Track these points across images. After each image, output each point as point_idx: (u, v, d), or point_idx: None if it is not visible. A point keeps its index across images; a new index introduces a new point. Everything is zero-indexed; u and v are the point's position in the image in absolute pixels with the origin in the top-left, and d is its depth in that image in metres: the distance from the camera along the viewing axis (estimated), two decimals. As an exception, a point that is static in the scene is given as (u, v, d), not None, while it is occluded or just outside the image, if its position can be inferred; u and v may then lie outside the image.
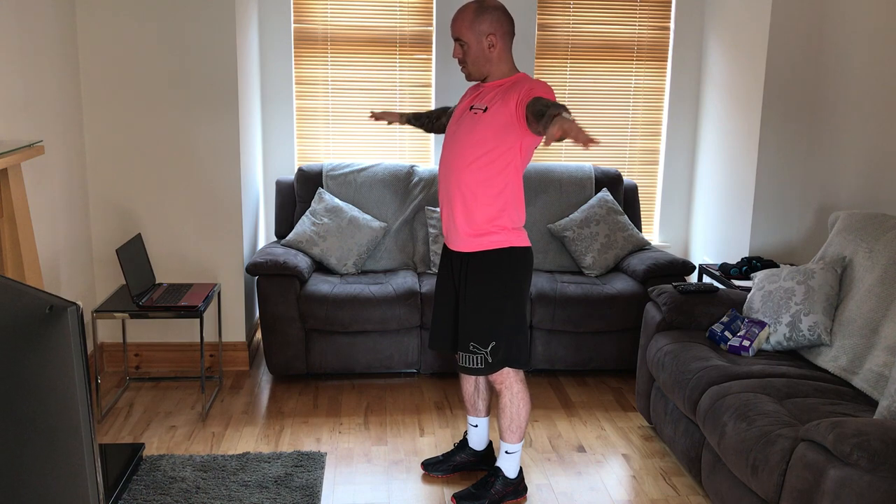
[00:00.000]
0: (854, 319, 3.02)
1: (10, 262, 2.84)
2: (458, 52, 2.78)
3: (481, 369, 2.86)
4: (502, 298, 2.83)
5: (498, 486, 2.99)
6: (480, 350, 2.84)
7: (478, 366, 2.85)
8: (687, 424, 3.10)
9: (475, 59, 2.76)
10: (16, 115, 3.23)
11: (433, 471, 3.21)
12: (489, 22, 2.72)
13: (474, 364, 2.85)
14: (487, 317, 2.83)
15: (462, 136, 2.77)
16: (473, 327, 2.84)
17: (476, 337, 2.83)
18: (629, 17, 4.87)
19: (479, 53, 2.75)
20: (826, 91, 4.12)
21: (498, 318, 2.83)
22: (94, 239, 4.08)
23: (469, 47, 2.74)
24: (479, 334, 2.83)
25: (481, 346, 2.83)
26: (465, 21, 2.73)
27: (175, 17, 3.90)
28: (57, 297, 1.42)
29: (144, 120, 3.99)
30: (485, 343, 2.83)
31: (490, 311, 2.83)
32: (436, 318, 3.03)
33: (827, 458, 2.22)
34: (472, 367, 2.86)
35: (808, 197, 4.27)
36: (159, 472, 3.14)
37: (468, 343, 2.85)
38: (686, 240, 5.19)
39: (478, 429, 3.20)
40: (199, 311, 3.59)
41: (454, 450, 3.26)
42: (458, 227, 2.81)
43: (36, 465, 1.40)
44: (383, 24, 4.73)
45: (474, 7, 2.74)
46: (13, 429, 1.37)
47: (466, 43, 2.74)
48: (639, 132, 5.06)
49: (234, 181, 4.09)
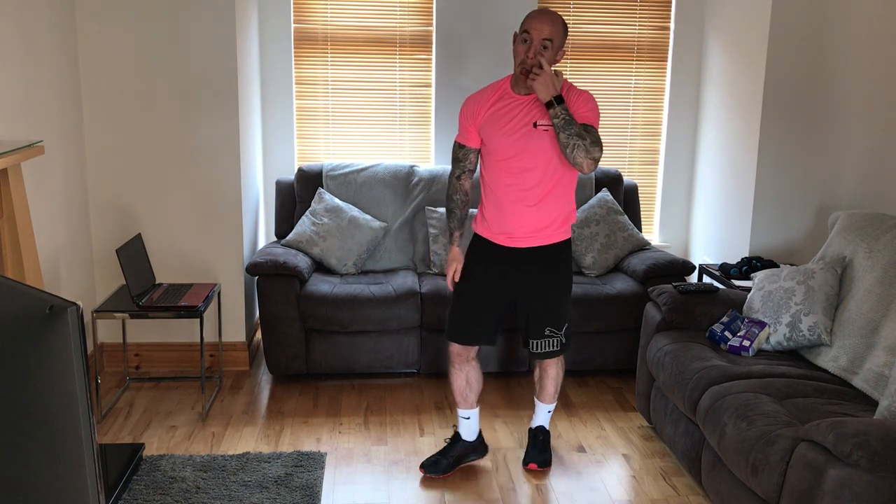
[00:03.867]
0: (854, 319, 3.02)
1: (10, 262, 2.83)
2: (542, 51, 2.85)
3: (558, 351, 3.14)
4: (567, 284, 3.13)
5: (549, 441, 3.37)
6: (556, 334, 3.10)
7: (555, 349, 3.12)
8: (687, 424, 3.10)
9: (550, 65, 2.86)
10: (16, 115, 3.23)
11: (434, 472, 3.20)
12: (566, 39, 2.94)
13: (552, 347, 3.12)
14: (559, 302, 3.10)
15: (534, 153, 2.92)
16: (549, 314, 3.08)
17: (552, 322, 3.09)
18: (629, 17, 4.87)
19: (552, 61, 2.88)
20: (826, 91, 4.12)
21: (565, 303, 3.13)
22: (94, 239, 4.08)
23: (551, 52, 2.86)
24: (555, 319, 3.09)
25: (557, 330, 3.10)
26: (559, 26, 2.87)
27: (175, 17, 3.90)
28: (57, 297, 1.42)
29: (144, 120, 3.99)
30: (559, 326, 3.11)
31: (560, 296, 3.11)
32: (466, 312, 3.12)
33: (827, 458, 2.22)
34: (552, 351, 3.12)
35: (808, 197, 4.27)
36: (159, 472, 3.14)
37: (544, 329, 3.09)
38: (686, 240, 5.19)
39: (470, 420, 3.26)
40: (199, 311, 3.59)
41: (448, 446, 3.27)
42: (529, 228, 2.99)
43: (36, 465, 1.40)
44: (383, 24, 4.73)
45: (563, 21, 2.91)
46: (13, 429, 1.36)
47: (553, 46, 2.86)
48: (639, 132, 5.06)
49: (234, 181, 4.09)
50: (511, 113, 2.95)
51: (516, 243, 3.01)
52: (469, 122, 3.04)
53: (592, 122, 2.88)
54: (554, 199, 2.98)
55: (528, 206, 2.96)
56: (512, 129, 2.93)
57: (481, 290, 3.11)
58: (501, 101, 2.98)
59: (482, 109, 3.00)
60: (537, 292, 3.08)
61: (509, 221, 2.99)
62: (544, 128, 2.89)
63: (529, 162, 2.92)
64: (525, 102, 2.94)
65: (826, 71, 4.11)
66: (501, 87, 3.01)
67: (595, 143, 2.81)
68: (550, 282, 3.07)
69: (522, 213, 2.97)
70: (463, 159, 3.11)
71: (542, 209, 2.97)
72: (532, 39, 2.85)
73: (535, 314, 3.09)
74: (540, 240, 3.01)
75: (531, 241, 3.01)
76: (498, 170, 2.98)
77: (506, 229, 3.01)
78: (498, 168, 2.98)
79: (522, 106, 2.94)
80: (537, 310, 3.09)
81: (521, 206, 2.97)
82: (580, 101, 2.89)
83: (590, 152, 2.80)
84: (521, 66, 2.88)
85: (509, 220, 2.99)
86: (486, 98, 3.01)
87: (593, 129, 2.85)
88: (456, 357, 3.19)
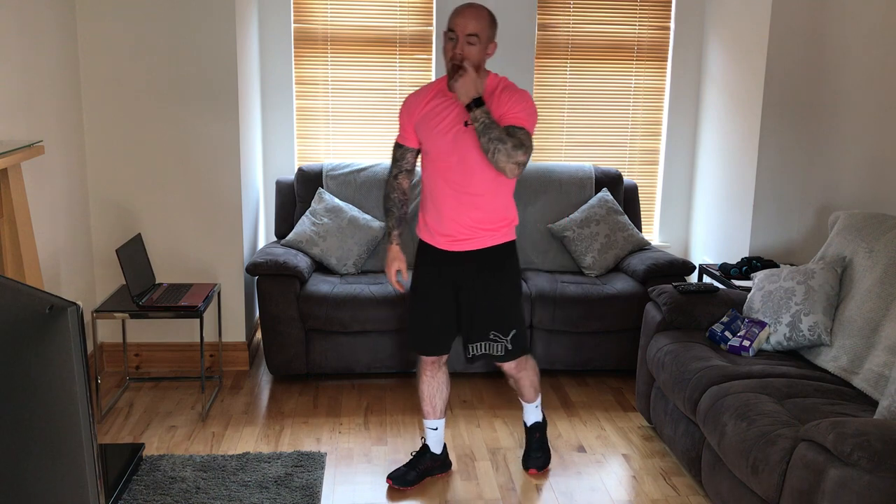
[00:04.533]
0: (854, 319, 3.02)
1: (10, 262, 2.83)
2: (467, 47, 2.75)
3: (503, 356, 3.03)
4: (511, 287, 3.02)
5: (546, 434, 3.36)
6: (501, 339, 3.00)
7: (499, 353, 3.01)
8: (687, 424, 3.10)
9: (476, 62, 2.78)
10: (16, 115, 3.23)
11: (401, 483, 3.11)
12: (495, 31, 2.84)
13: (496, 351, 3.01)
14: (504, 306, 3.00)
15: (467, 153, 2.82)
16: (493, 317, 2.98)
17: (497, 326, 2.99)
18: (629, 17, 4.86)
19: (481, 56, 2.80)
20: (826, 91, 4.12)
21: (513, 308, 3.02)
22: (94, 239, 4.08)
23: (479, 47, 2.77)
24: (500, 323, 2.99)
25: (502, 335, 2.99)
26: (484, 20, 2.77)
27: (175, 16, 3.90)
28: (57, 297, 1.42)
29: (144, 120, 3.99)
30: (506, 331, 2.99)
31: (505, 300, 3.00)
32: (424, 321, 3.05)
33: (827, 458, 2.22)
34: (494, 355, 3.01)
35: (808, 197, 4.27)
36: (159, 472, 3.14)
37: (488, 332, 2.98)
38: (686, 240, 5.19)
39: (437, 431, 3.20)
40: (199, 311, 3.59)
41: (415, 458, 3.19)
42: (467, 230, 2.90)
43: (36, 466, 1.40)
44: (383, 24, 4.73)
45: (489, 12, 2.81)
46: (13, 429, 1.36)
47: (480, 41, 2.76)
48: (639, 132, 5.06)
49: (234, 181, 4.09)
50: (444, 112, 2.86)
51: (456, 246, 2.93)
52: (406, 120, 2.96)
53: (524, 122, 2.77)
54: (491, 200, 2.89)
55: (465, 208, 2.88)
56: (445, 129, 2.85)
57: (432, 296, 3.03)
58: (436, 100, 2.89)
59: (417, 108, 2.92)
60: (480, 296, 2.97)
61: (447, 224, 2.91)
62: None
63: (463, 162, 2.83)
64: (458, 101, 2.82)
65: (826, 71, 4.11)
66: (438, 86, 2.92)
67: (518, 146, 2.70)
68: (492, 285, 2.97)
69: (459, 214, 2.89)
70: (400, 159, 3.03)
71: (480, 210, 2.88)
72: (457, 36, 2.75)
73: (477, 318, 2.99)
74: (480, 242, 2.92)
75: (471, 243, 2.92)
76: (434, 170, 2.90)
77: (445, 232, 2.92)
78: (433, 168, 2.90)
79: (455, 105, 2.84)
80: (480, 313, 2.98)
81: (458, 208, 2.88)
82: (513, 101, 2.79)
83: (511, 156, 2.70)
84: (451, 60, 2.77)
85: (447, 223, 2.91)
86: (422, 96, 2.93)
87: (519, 132, 2.74)
88: (429, 366, 3.13)
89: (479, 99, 2.71)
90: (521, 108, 2.79)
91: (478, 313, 2.99)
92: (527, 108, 2.81)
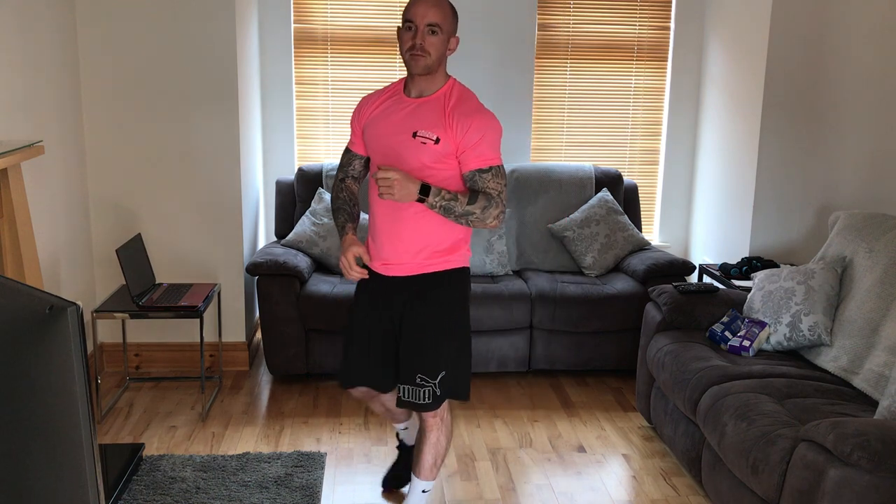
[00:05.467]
0: (854, 319, 3.02)
1: (10, 262, 2.83)
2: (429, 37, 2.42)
3: (429, 405, 2.56)
4: (451, 322, 2.60)
5: None
6: (428, 382, 2.55)
7: (425, 400, 2.55)
8: (687, 424, 3.10)
9: (439, 55, 2.46)
10: (16, 115, 3.23)
11: (398, 486, 3.07)
12: (457, 25, 2.54)
13: (422, 399, 2.55)
14: (436, 343, 2.57)
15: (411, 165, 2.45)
16: (421, 357, 2.56)
17: (424, 367, 2.55)
18: (629, 18, 4.86)
19: (443, 50, 2.47)
20: (826, 91, 4.12)
21: (448, 345, 2.58)
22: (94, 239, 4.08)
23: (441, 38, 2.44)
24: (427, 364, 2.55)
25: (429, 378, 2.55)
26: (446, 9, 2.47)
27: (175, 16, 3.90)
28: (57, 297, 1.42)
29: (144, 120, 3.99)
30: (433, 374, 2.55)
31: (439, 336, 2.57)
32: (355, 352, 2.69)
33: (827, 458, 2.22)
34: (420, 403, 2.56)
35: (808, 197, 4.27)
36: (159, 472, 3.14)
37: (414, 375, 2.55)
38: (686, 240, 5.19)
39: (408, 429, 3.05)
40: (199, 311, 3.59)
41: (399, 458, 3.11)
42: (406, 252, 2.54)
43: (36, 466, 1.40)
44: (383, 24, 4.73)
45: (450, 4, 2.51)
46: (13, 429, 1.36)
47: (443, 32, 2.44)
48: (639, 132, 5.06)
49: (234, 181, 4.09)
50: (394, 116, 2.51)
51: (392, 271, 2.57)
52: (356, 122, 2.64)
53: (490, 159, 2.45)
54: (431, 221, 2.50)
55: (402, 228, 2.51)
56: (389, 134, 2.49)
57: (360, 328, 2.67)
58: (389, 101, 2.55)
59: (368, 110, 2.59)
60: (409, 329, 2.57)
61: (384, 246, 2.56)
62: (423, 140, 2.44)
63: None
64: (410, 106, 2.49)
65: (826, 71, 4.11)
66: (395, 87, 2.59)
67: (489, 206, 2.42)
68: (424, 317, 2.56)
69: (396, 235, 2.53)
70: (347, 164, 2.70)
71: (419, 231, 2.51)
72: (416, 26, 2.42)
73: (405, 354, 2.58)
74: (416, 267, 2.54)
75: (406, 268, 2.55)
76: (374, 183, 2.49)
77: (380, 255, 2.58)
78: (373, 181, 2.49)
79: (406, 109, 2.50)
80: (407, 350, 2.58)
81: (395, 227, 2.52)
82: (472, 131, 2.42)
83: (486, 219, 2.44)
84: (408, 52, 2.44)
85: (384, 245, 2.56)
86: (375, 98, 2.60)
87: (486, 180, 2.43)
88: (361, 397, 2.83)
89: (424, 187, 2.38)
90: (484, 141, 2.43)
91: (405, 349, 2.59)
92: (488, 138, 2.44)
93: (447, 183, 2.48)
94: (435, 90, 2.51)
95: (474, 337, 4.04)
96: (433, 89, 2.51)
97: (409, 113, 2.49)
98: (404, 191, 2.36)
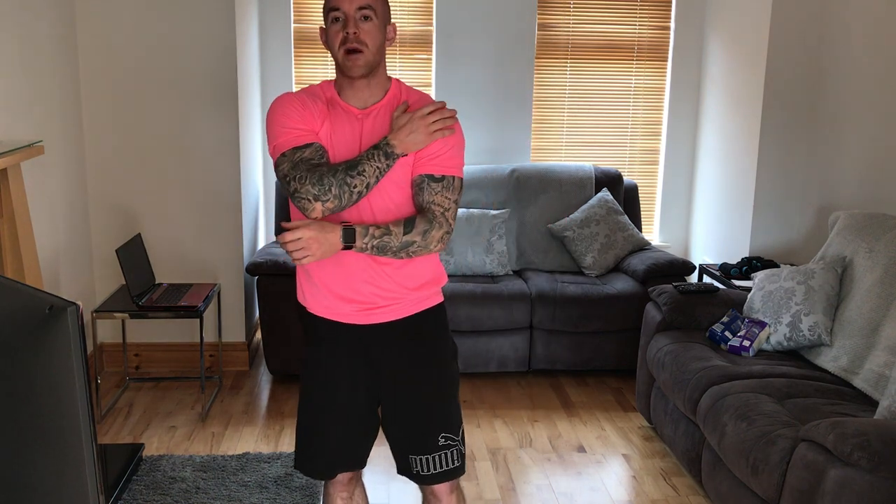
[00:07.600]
0: (854, 319, 3.02)
1: (10, 262, 2.83)
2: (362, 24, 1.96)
3: (459, 467, 2.15)
4: (454, 365, 2.20)
5: None
6: (455, 442, 2.14)
7: (455, 463, 2.14)
8: (687, 424, 3.10)
9: (377, 45, 1.99)
10: (16, 115, 3.23)
11: None
12: (390, 12, 2.09)
13: (451, 463, 2.13)
14: (449, 394, 2.17)
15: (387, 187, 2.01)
16: (441, 414, 2.14)
17: (446, 425, 2.13)
18: (629, 17, 4.86)
19: (381, 39, 2.01)
20: (826, 91, 4.12)
21: (456, 392, 2.20)
22: (94, 239, 4.08)
23: (376, 26, 1.98)
24: (451, 420, 2.14)
25: (454, 436, 2.13)
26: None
27: (175, 16, 3.90)
28: (57, 297, 1.42)
29: (144, 120, 3.99)
30: (456, 430, 2.14)
31: (449, 385, 2.17)
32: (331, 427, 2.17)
33: (827, 458, 2.22)
34: (450, 469, 2.13)
35: (808, 197, 4.27)
36: (159, 472, 3.14)
37: (437, 438, 2.11)
38: (686, 240, 5.19)
39: None
40: (199, 311, 3.59)
41: None
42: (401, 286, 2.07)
43: (35, 466, 1.40)
44: (383, 24, 4.72)
45: None
46: (13, 429, 1.36)
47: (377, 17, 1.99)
48: (639, 132, 5.06)
49: (234, 181, 4.09)
50: (346, 134, 2.03)
51: (370, 317, 2.07)
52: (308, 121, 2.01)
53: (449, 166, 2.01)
54: None
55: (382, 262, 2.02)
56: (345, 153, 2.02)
57: (329, 397, 2.15)
58: (332, 114, 2.04)
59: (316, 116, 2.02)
60: (413, 384, 2.13)
61: (362, 286, 2.04)
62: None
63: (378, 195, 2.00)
64: (358, 118, 2.03)
65: (826, 71, 4.11)
66: (325, 94, 2.06)
67: (430, 228, 1.96)
68: (429, 365, 2.13)
69: (379, 269, 2.04)
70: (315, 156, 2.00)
71: (404, 265, 2.05)
72: (346, 14, 1.95)
73: (416, 417, 2.13)
74: (404, 308, 2.09)
75: (398, 309, 2.08)
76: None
77: (351, 296, 2.05)
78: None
79: (358, 124, 2.03)
80: (417, 411, 2.13)
81: (376, 259, 2.02)
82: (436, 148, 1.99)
83: (430, 247, 1.98)
84: (341, 48, 1.96)
85: (361, 285, 2.04)
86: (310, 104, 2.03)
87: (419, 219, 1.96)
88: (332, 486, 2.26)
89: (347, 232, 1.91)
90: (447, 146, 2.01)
91: (415, 411, 2.14)
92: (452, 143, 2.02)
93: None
94: (382, 96, 2.05)
95: (475, 337, 4.05)
96: (380, 96, 2.05)
97: (366, 129, 2.03)
98: (325, 246, 1.90)
